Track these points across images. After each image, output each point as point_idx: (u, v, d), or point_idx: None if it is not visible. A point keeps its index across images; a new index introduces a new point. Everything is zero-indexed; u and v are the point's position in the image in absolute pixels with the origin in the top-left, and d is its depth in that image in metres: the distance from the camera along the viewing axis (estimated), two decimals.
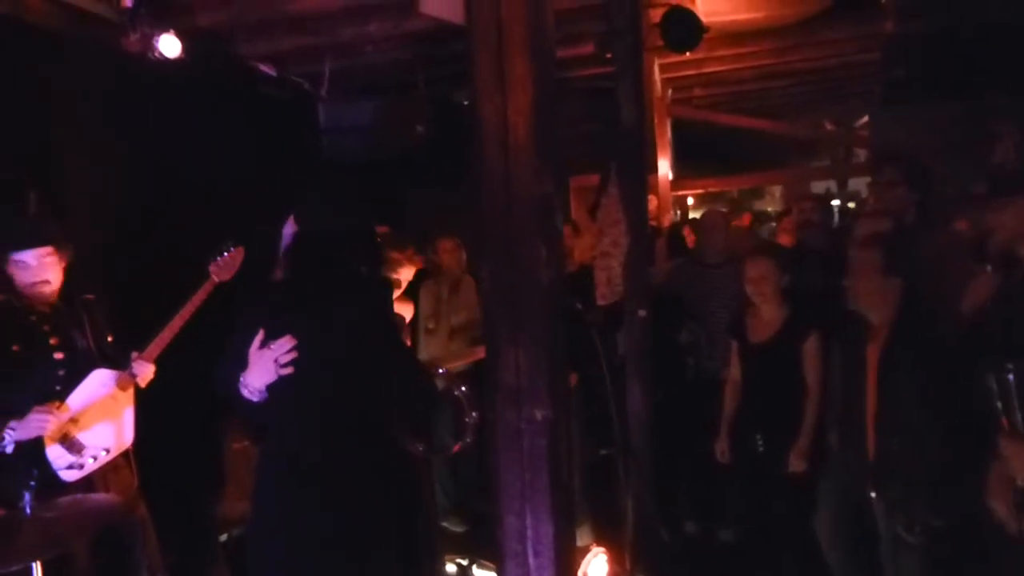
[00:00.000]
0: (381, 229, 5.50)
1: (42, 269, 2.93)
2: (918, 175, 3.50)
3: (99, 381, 3.06)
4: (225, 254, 3.41)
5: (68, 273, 3.07)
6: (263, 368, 2.23)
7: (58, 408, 2.86)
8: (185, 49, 4.39)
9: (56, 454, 2.89)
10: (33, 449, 2.82)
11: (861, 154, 10.47)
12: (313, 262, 2.36)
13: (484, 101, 1.61)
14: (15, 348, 2.85)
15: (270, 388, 2.25)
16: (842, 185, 11.62)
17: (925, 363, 2.63)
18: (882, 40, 5.93)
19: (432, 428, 3.77)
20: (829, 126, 10.67)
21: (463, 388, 3.75)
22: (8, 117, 3.74)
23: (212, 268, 3.39)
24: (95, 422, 3.03)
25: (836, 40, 6.27)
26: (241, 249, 3.46)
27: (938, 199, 3.57)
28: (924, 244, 3.16)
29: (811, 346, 3.45)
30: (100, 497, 2.66)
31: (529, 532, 1.60)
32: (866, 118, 9.59)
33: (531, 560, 1.61)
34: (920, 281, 2.85)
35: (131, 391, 3.18)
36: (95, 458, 3.00)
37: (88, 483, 2.98)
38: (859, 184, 10.88)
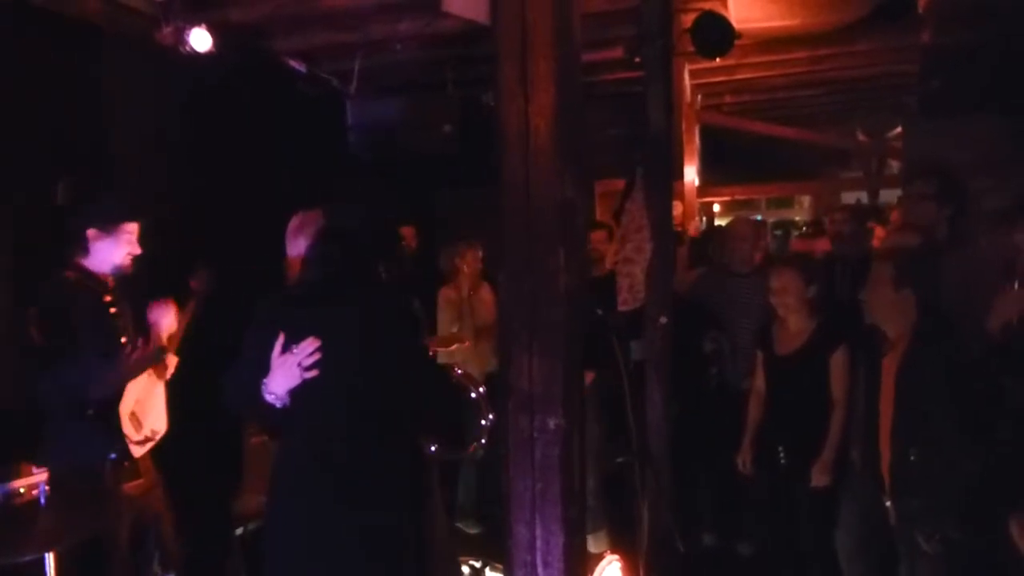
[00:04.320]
0: (407, 230, 5.53)
1: (139, 243, 3.06)
2: (949, 190, 3.42)
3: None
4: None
5: None
6: (287, 372, 2.19)
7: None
8: (217, 44, 4.42)
9: (127, 429, 3.03)
10: (110, 422, 2.96)
11: (894, 166, 10.30)
12: (340, 261, 2.35)
13: (506, 102, 1.58)
14: (94, 320, 2.97)
15: (293, 391, 2.22)
16: (873, 196, 11.43)
17: (948, 378, 2.58)
18: (919, 51, 5.84)
19: (454, 428, 3.76)
20: (861, 136, 10.51)
21: (480, 389, 3.74)
22: (43, 108, 3.79)
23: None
24: (148, 404, 3.18)
25: (871, 50, 6.18)
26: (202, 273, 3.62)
27: (972, 214, 3.49)
28: (954, 260, 3.09)
29: (838, 359, 3.39)
30: (115, 489, 2.66)
31: (539, 543, 1.57)
32: (899, 129, 9.45)
33: (540, 571, 1.58)
34: (947, 297, 2.80)
35: (162, 381, 3.30)
36: (150, 437, 3.15)
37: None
38: (891, 196, 10.70)
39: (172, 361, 3.35)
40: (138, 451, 3.09)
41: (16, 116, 3.66)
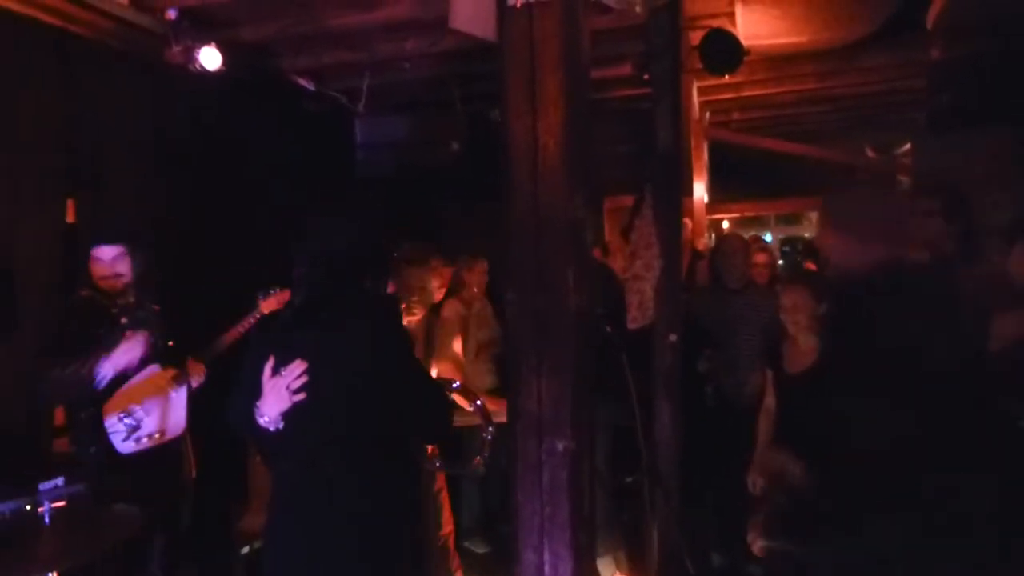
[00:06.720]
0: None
1: (114, 264, 3.27)
2: (956, 206, 3.38)
3: (153, 374, 3.42)
4: (274, 292, 3.77)
5: (142, 279, 3.39)
6: (277, 396, 2.19)
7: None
8: (226, 62, 4.44)
9: (113, 426, 3.25)
10: (95, 418, 3.23)
11: (903, 182, 10.26)
12: (325, 281, 2.33)
13: (514, 120, 1.56)
14: (100, 331, 3.23)
15: (285, 413, 2.22)
16: None
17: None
18: (927, 66, 5.81)
19: (452, 442, 3.72)
20: (870, 152, 10.49)
21: (479, 403, 3.70)
22: (53, 127, 3.81)
23: (261, 302, 3.77)
24: (151, 407, 3.38)
25: (879, 66, 6.16)
26: (288, 291, 3.72)
27: (983, 230, 3.45)
28: (964, 277, 3.05)
29: None
30: (119, 508, 2.65)
31: (547, 568, 1.53)
32: (909, 145, 9.41)
33: None
34: (963, 313, 2.75)
35: (184, 389, 3.52)
36: (149, 437, 3.35)
37: (155, 459, 3.38)
38: None
39: (196, 369, 3.60)
40: (129, 447, 3.29)
41: (26, 132, 3.68)
